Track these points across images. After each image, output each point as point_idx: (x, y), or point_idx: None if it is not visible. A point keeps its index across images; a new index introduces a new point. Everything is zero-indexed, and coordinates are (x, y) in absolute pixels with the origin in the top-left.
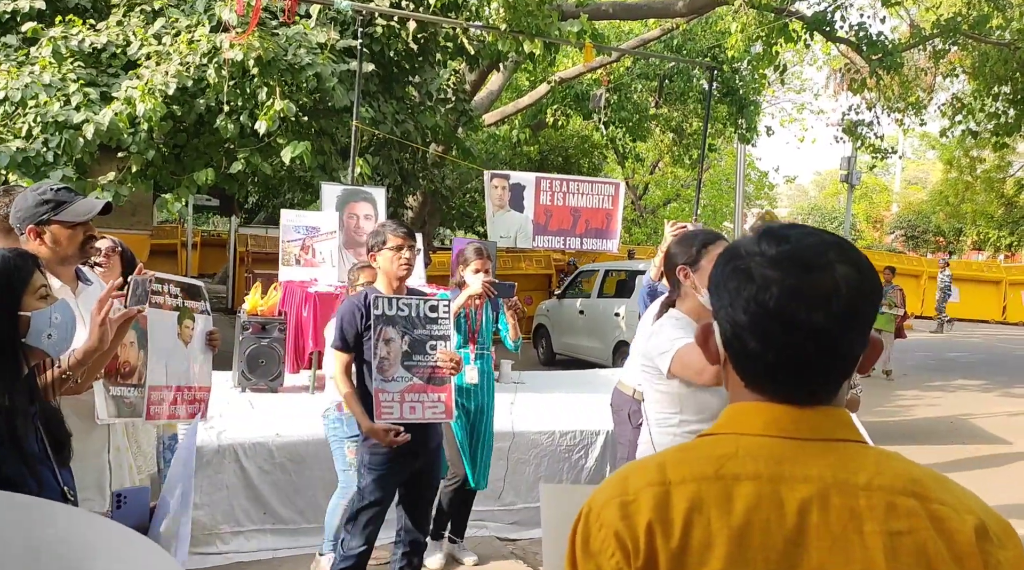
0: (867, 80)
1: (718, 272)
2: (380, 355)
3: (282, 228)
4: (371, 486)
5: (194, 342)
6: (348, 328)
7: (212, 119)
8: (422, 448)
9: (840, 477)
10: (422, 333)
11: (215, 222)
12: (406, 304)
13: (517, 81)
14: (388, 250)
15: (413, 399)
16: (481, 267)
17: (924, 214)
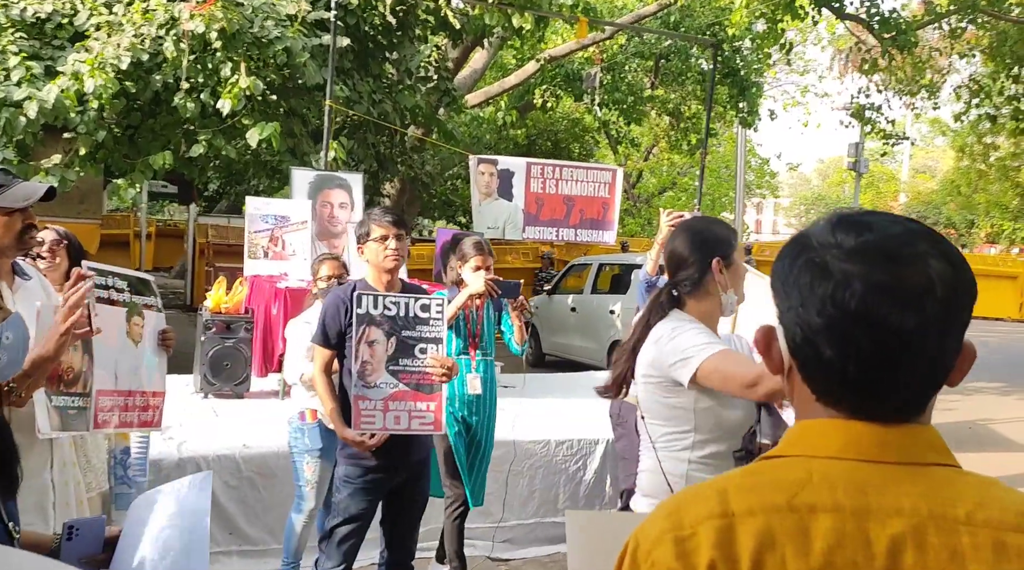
0: (878, 60)
1: (784, 267)
2: (362, 358)
3: (248, 217)
4: (346, 500)
5: (145, 342)
6: (331, 323)
7: (170, 97)
8: (403, 461)
9: (937, 510)
10: (411, 335)
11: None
12: (394, 302)
13: (502, 59)
14: (373, 241)
15: (398, 408)
16: (482, 264)
17: (934, 205)
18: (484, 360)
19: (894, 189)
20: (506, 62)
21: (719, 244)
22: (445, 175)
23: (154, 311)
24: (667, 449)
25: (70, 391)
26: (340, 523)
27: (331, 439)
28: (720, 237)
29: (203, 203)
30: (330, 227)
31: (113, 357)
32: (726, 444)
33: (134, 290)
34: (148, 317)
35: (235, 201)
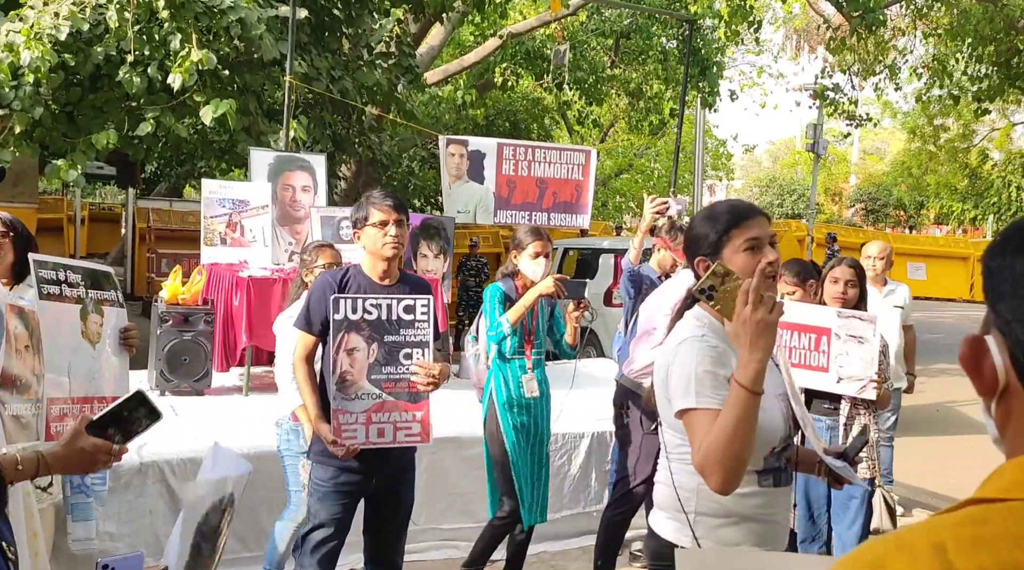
0: (846, 40)
1: (1009, 269)
2: (341, 369)
3: (204, 201)
4: (317, 504)
5: (104, 342)
6: (317, 307)
7: (113, 71)
8: (380, 465)
9: None
10: (395, 340)
11: (104, 194)
12: (375, 305)
13: (460, 36)
14: (372, 227)
15: (382, 419)
16: (542, 250)
17: (885, 186)
18: (539, 360)
19: (845, 171)
20: (464, 39)
21: (699, 241)
22: (403, 157)
23: (115, 307)
24: (680, 461)
25: (24, 397)
26: (313, 529)
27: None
28: (701, 233)
29: (140, 186)
30: (292, 211)
31: (65, 360)
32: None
33: (91, 284)
34: (108, 314)
35: (175, 184)
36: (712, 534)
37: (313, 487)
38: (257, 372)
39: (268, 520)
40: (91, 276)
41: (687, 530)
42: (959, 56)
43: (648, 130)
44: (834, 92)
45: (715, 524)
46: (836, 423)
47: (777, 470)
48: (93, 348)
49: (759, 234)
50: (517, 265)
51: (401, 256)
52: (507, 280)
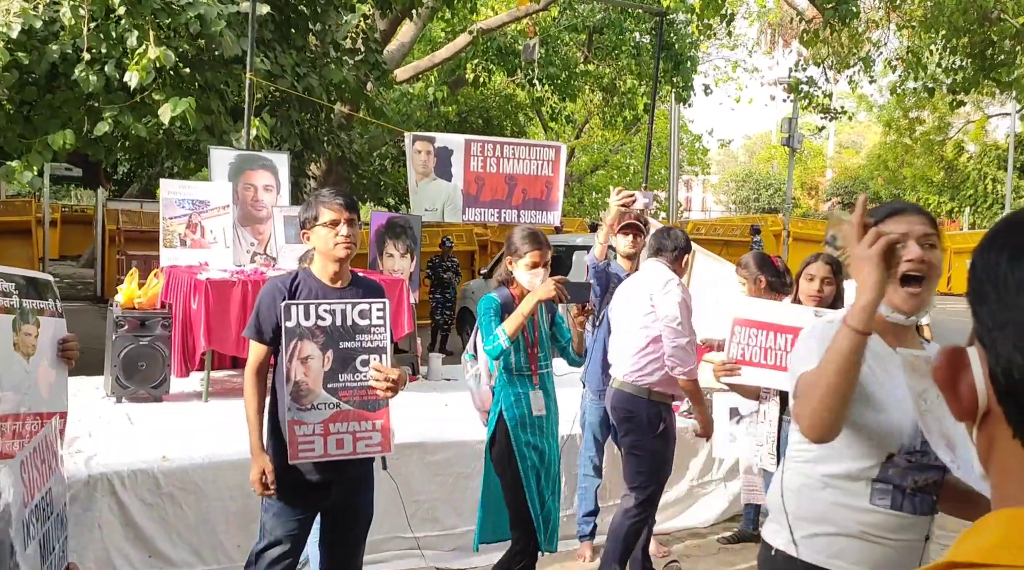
0: (820, 32)
1: (997, 262)
2: (295, 378)
3: (162, 202)
4: (272, 521)
5: (40, 355)
6: (267, 313)
7: (69, 70)
8: (338, 476)
9: None
10: (351, 346)
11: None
12: (328, 311)
13: (431, 33)
14: (322, 227)
15: (340, 430)
16: (540, 260)
17: (861, 180)
18: (544, 371)
19: (821, 165)
20: (435, 36)
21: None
22: (374, 155)
23: (53, 317)
24: (794, 458)
25: None
26: (267, 546)
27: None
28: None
29: (112, 187)
30: (254, 212)
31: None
32: (862, 463)
33: (26, 293)
34: (44, 325)
35: (147, 185)
36: (810, 542)
37: (268, 503)
38: (218, 377)
39: (224, 532)
40: (27, 284)
41: (785, 532)
42: (933, 48)
43: (622, 125)
44: (808, 86)
45: (812, 531)
46: None
47: (900, 490)
48: (26, 362)
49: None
50: (512, 273)
51: (351, 257)
52: (502, 289)
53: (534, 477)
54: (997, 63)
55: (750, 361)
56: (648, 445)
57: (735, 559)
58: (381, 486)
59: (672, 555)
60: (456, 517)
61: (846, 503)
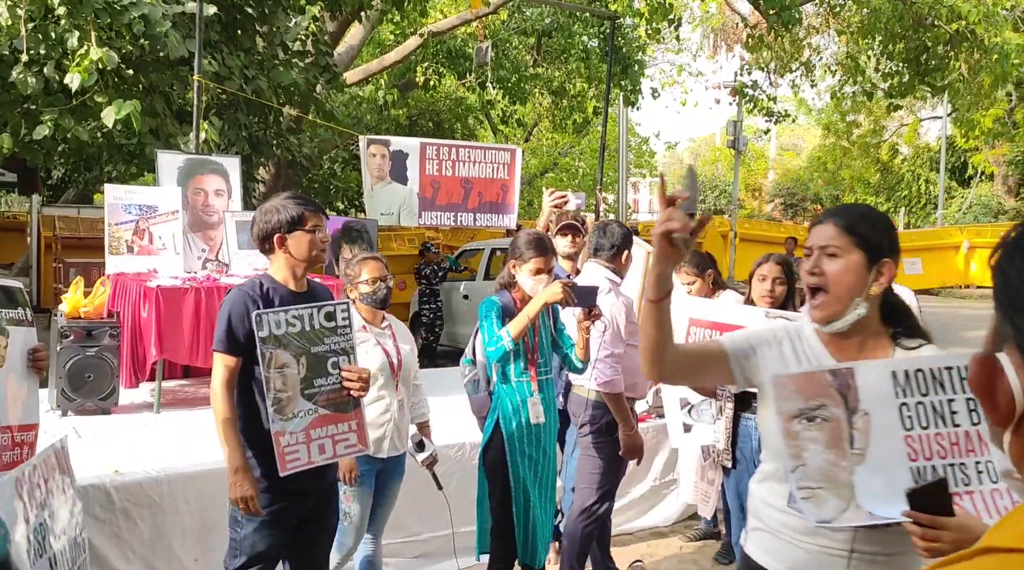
0: (764, 37)
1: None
2: (275, 388)
3: (107, 208)
4: (251, 537)
5: (9, 365)
6: (238, 323)
7: (6, 71)
8: (314, 486)
9: None
10: (321, 350)
11: (9, 202)
12: (296, 317)
13: (379, 35)
14: (304, 232)
15: (321, 435)
16: (544, 266)
17: (802, 181)
18: (545, 379)
19: (763, 167)
20: (384, 38)
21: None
22: (324, 158)
23: (23, 326)
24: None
25: None
26: (246, 563)
27: (369, 466)
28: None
29: (47, 192)
30: (204, 217)
31: None
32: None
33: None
34: (14, 335)
35: (84, 190)
36: (752, 535)
37: (246, 518)
38: (169, 387)
39: (181, 546)
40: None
41: (746, 536)
42: (871, 53)
43: (572, 129)
44: (752, 89)
45: (753, 525)
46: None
47: None
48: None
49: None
50: (515, 277)
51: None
52: (503, 292)
53: (522, 490)
54: (931, 68)
55: None
56: (606, 448)
57: (698, 557)
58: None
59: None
60: (421, 523)
61: (771, 502)
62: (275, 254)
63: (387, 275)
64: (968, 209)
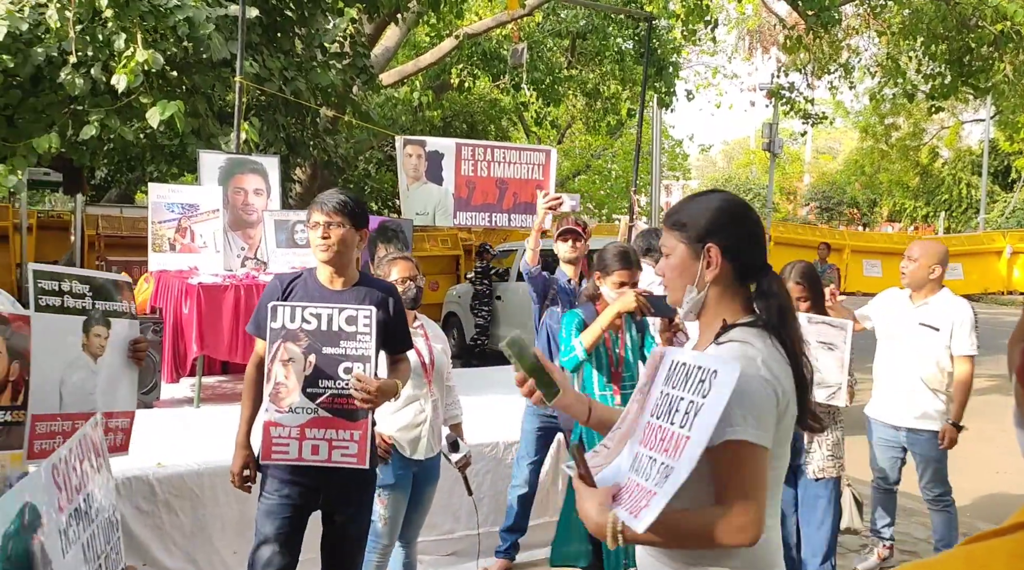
0: (802, 38)
1: None
2: (276, 379)
3: (151, 206)
4: (263, 519)
5: (109, 356)
6: (262, 308)
7: (54, 73)
8: (325, 482)
9: None
10: (334, 352)
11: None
12: (314, 314)
13: (415, 37)
14: (310, 229)
15: (317, 436)
16: (628, 279)
17: (838, 185)
18: (630, 393)
19: (799, 170)
20: (419, 40)
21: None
22: (359, 159)
23: (125, 319)
24: None
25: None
26: (258, 545)
27: (405, 469)
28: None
29: (91, 192)
30: (244, 215)
31: (57, 376)
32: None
33: (100, 295)
34: (116, 327)
35: (126, 189)
36: None
37: (260, 501)
38: (209, 383)
39: (221, 539)
40: (100, 287)
41: None
42: (912, 55)
43: (605, 131)
44: (789, 91)
45: None
46: None
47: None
48: (94, 362)
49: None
50: (599, 289)
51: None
52: (588, 305)
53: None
54: (975, 69)
55: None
56: None
57: None
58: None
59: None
60: (454, 522)
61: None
62: None
63: (417, 275)
64: (1011, 213)
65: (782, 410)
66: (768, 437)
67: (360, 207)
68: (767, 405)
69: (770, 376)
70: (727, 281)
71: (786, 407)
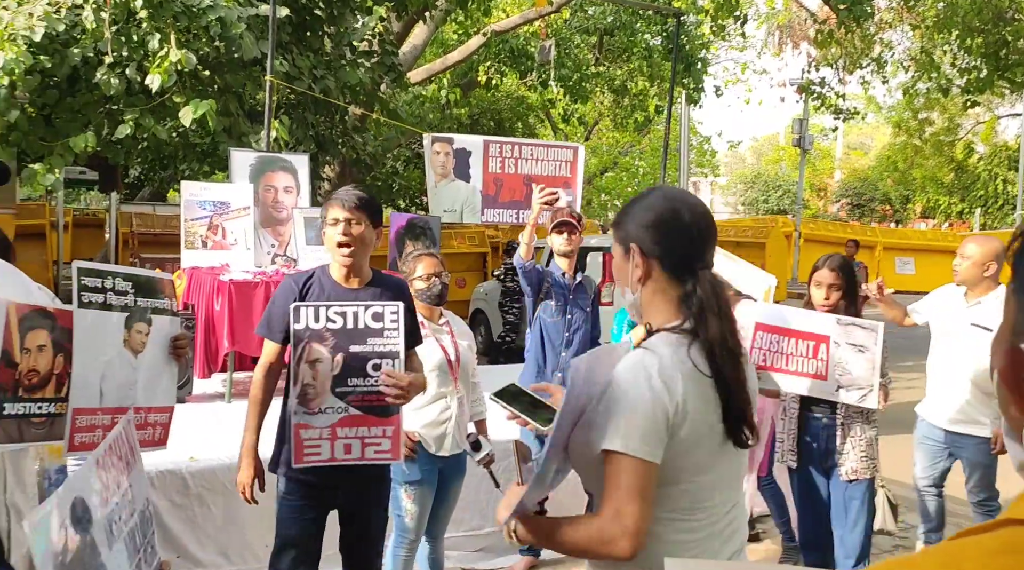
0: (834, 32)
1: None
2: (304, 381)
3: (184, 203)
4: (283, 522)
5: (150, 351)
6: (280, 312)
7: (90, 73)
8: (345, 478)
9: None
10: (363, 350)
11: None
12: (339, 313)
13: (443, 35)
14: (327, 226)
15: (348, 435)
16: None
17: (870, 181)
18: None
19: (829, 166)
20: (447, 38)
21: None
22: (387, 157)
23: (166, 316)
24: None
25: (33, 396)
26: (281, 548)
27: (431, 465)
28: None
29: (125, 190)
30: (275, 213)
31: (99, 370)
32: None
33: (142, 292)
34: (158, 323)
35: (159, 188)
36: None
37: (279, 503)
38: (240, 378)
39: (252, 532)
40: (144, 284)
41: None
42: (946, 48)
43: (633, 127)
44: (820, 86)
45: None
46: (833, 422)
47: None
48: (134, 358)
49: None
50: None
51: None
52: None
53: None
54: (1011, 63)
55: (771, 366)
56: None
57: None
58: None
59: None
60: (481, 518)
61: None
62: None
63: (442, 271)
64: None
65: (677, 422)
66: (652, 451)
67: (377, 205)
68: (652, 417)
69: (661, 388)
70: (658, 283)
71: (683, 419)
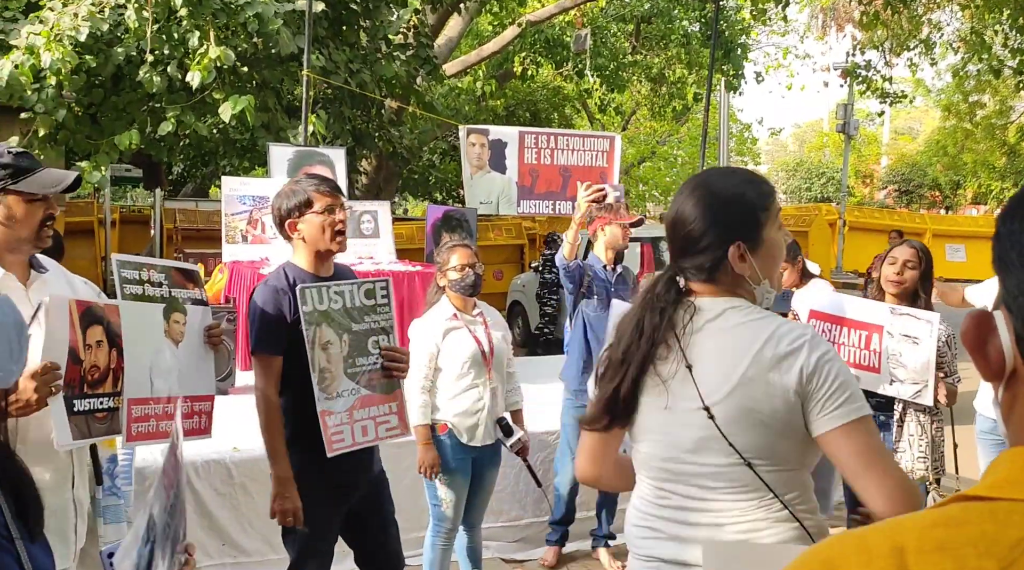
0: (880, 14)
1: (1018, 236)
2: (320, 365)
3: (224, 199)
4: (311, 534)
5: (188, 341)
6: (272, 318)
7: (133, 71)
8: (361, 477)
9: None
10: (362, 328)
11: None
12: (337, 293)
13: (478, 27)
14: (315, 214)
15: (363, 416)
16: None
17: (919, 167)
18: None
19: (875, 152)
20: (482, 29)
21: (743, 220)
22: (423, 150)
23: (199, 305)
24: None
25: (96, 392)
26: (301, 554)
27: (464, 455)
28: (746, 208)
29: (168, 187)
30: None
31: (147, 361)
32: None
33: (176, 282)
34: (192, 313)
35: (201, 184)
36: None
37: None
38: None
39: None
40: (174, 275)
41: None
42: (998, 28)
43: (671, 116)
44: (865, 70)
45: None
46: (890, 419)
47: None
48: (176, 347)
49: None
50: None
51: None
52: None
53: None
54: None
55: None
56: None
57: None
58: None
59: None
60: (520, 509)
61: None
62: (293, 241)
63: (476, 262)
64: None
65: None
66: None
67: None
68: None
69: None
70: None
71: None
